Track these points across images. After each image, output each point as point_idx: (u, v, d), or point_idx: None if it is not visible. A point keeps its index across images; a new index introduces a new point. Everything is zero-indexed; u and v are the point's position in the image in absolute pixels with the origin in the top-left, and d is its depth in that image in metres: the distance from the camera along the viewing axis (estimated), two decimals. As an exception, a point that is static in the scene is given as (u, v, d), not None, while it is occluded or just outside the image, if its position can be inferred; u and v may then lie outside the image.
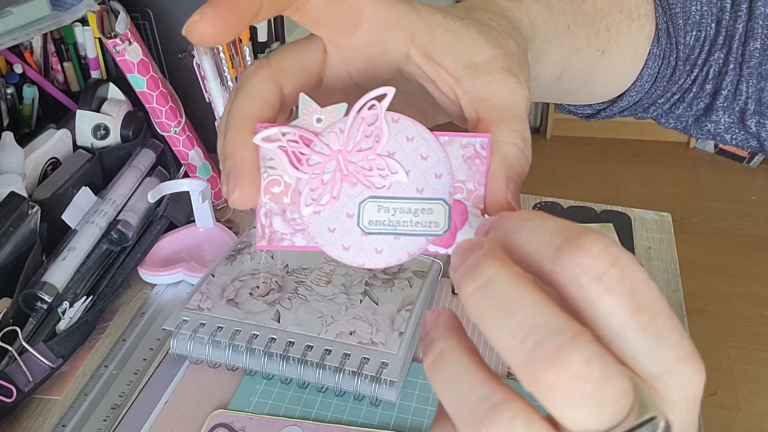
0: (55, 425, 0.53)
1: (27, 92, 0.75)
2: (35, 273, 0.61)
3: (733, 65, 0.46)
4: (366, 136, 0.25)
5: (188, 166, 0.78)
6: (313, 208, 0.25)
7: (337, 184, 0.25)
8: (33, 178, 0.68)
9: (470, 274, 0.21)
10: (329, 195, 0.25)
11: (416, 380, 0.55)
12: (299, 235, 0.26)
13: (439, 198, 0.26)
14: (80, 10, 0.68)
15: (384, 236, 0.26)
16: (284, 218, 0.26)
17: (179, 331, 0.56)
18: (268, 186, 0.25)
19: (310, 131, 0.25)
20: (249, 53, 0.69)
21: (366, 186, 0.25)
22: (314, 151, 0.25)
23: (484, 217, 0.26)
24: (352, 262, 0.26)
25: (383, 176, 0.25)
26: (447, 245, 0.26)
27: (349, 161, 0.25)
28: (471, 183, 0.26)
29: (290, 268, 0.63)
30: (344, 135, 0.25)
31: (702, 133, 0.50)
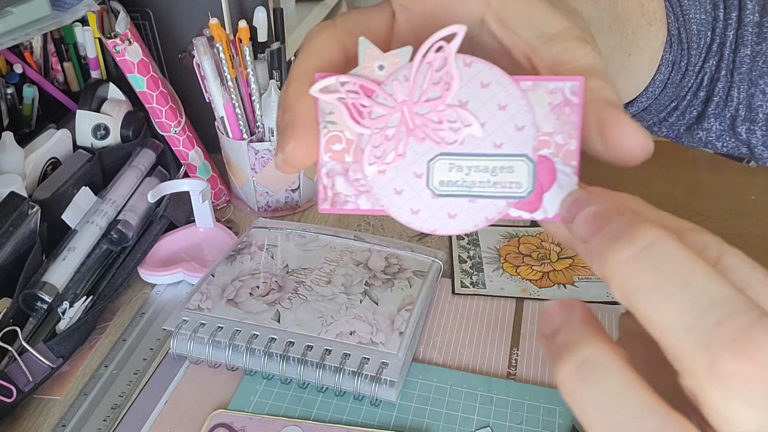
0: (55, 425, 0.53)
1: (27, 92, 0.75)
2: (35, 273, 0.61)
3: (725, 72, 0.46)
4: (434, 83, 0.22)
5: (188, 166, 0.78)
6: (377, 167, 0.23)
7: (403, 139, 0.22)
8: (33, 178, 0.68)
9: (621, 239, 0.18)
10: (394, 152, 0.23)
11: (416, 380, 0.55)
12: (363, 196, 0.23)
13: (521, 154, 0.22)
14: (80, 10, 0.68)
15: (457, 198, 0.23)
16: (347, 178, 0.23)
17: (179, 331, 0.56)
18: (329, 143, 0.23)
19: (371, 80, 0.22)
20: (249, 53, 0.69)
21: (435, 142, 0.22)
22: (376, 102, 0.22)
23: (575, 176, 0.23)
24: (422, 227, 0.23)
25: (455, 130, 0.22)
26: (532, 209, 0.23)
27: (415, 113, 0.22)
28: (560, 135, 0.23)
29: (290, 268, 0.63)
30: (409, 83, 0.22)
31: (693, 141, 0.50)
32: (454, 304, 0.63)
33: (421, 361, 0.57)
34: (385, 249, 0.65)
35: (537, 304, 0.63)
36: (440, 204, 0.23)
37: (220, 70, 0.71)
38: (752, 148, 0.48)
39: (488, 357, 0.57)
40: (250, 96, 0.72)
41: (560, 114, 0.22)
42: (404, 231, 0.74)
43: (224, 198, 0.80)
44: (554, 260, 0.68)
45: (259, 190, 0.76)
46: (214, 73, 0.71)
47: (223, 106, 0.72)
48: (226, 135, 0.74)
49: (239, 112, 0.72)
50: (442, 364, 0.57)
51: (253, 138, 0.74)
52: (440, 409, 0.53)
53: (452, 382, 0.55)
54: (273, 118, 0.71)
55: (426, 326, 0.61)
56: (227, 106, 0.72)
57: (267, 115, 0.71)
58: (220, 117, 0.73)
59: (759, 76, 0.45)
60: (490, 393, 0.54)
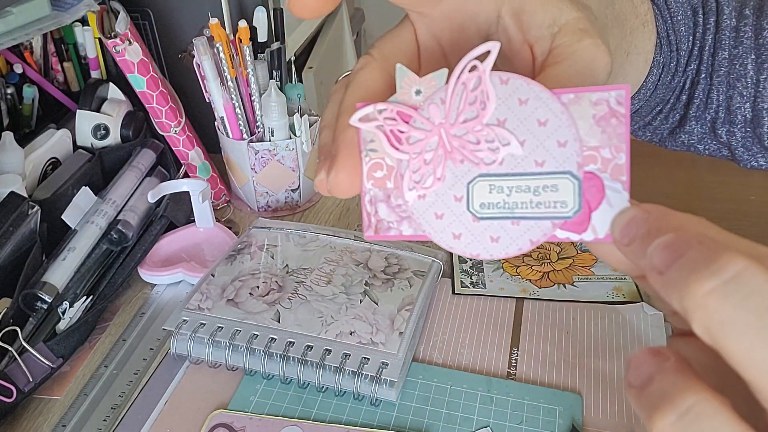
0: (55, 425, 0.53)
1: (27, 92, 0.75)
2: (35, 273, 0.61)
3: (704, 75, 0.47)
4: (470, 103, 0.21)
5: (188, 166, 0.78)
6: (417, 192, 0.22)
7: (441, 163, 0.22)
8: (33, 178, 0.68)
9: (705, 269, 0.17)
10: (433, 176, 0.22)
11: (416, 380, 0.55)
12: (405, 222, 0.23)
13: (564, 171, 0.21)
14: (80, 10, 0.68)
15: (500, 221, 0.22)
16: (389, 205, 0.23)
17: (179, 331, 0.56)
18: (371, 170, 0.23)
19: (408, 105, 0.22)
20: (249, 53, 0.69)
21: (474, 163, 0.22)
22: (414, 127, 0.22)
23: (626, 192, 0.22)
24: (464, 252, 0.22)
25: (493, 149, 0.22)
26: (580, 230, 0.22)
27: (453, 135, 0.22)
28: (607, 149, 0.21)
29: (290, 268, 0.63)
30: (445, 105, 0.22)
31: (677, 144, 0.51)
32: (454, 304, 0.63)
33: (421, 361, 0.57)
34: (385, 249, 0.65)
35: (537, 304, 0.63)
36: (482, 227, 0.22)
37: (220, 70, 0.71)
38: (733, 150, 0.49)
39: (488, 357, 0.58)
40: (250, 96, 0.72)
41: (606, 126, 0.21)
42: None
43: (224, 198, 0.80)
44: (554, 260, 0.68)
45: (259, 190, 0.76)
46: (214, 73, 0.71)
47: (223, 106, 0.72)
48: (226, 135, 0.74)
49: (239, 112, 0.72)
50: (442, 364, 0.57)
51: (253, 138, 0.74)
52: (440, 409, 0.53)
53: (452, 382, 0.55)
54: (273, 118, 0.71)
55: (426, 326, 0.61)
56: (227, 106, 0.72)
57: (267, 115, 0.71)
58: (220, 117, 0.73)
59: (736, 79, 0.46)
60: (490, 393, 0.54)
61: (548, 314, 0.61)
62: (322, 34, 1.69)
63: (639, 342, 0.58)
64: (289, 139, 0.73)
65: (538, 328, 0.60)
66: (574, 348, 0.58)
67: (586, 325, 0.60)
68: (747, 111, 0.46)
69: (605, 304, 0.62)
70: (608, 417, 0.52)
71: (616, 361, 0.56)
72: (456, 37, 0.27)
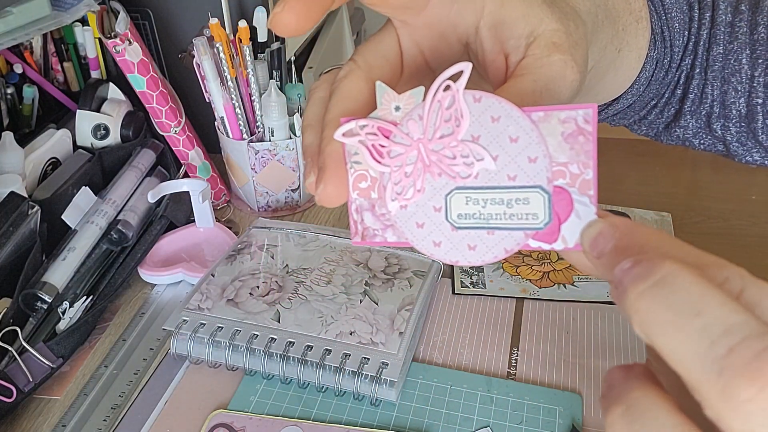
0: (55, 425, 0.53)
1: (27, 92, 0.75)
2: (35, 273, 0.61)
3: (699, 70, 0.47)
4: (446, 120, 0.23)
5: (188, 166, 0.78)
6: (399, 203, 0.24)
7: (420, 175, 0.24)
8: (33, 178, 0.68)
9: (638, 274, 0.18)
10: (413, 188, 0.24)
11: (416, 380, 0.55)
12: (390, 230, 0.25)
13: (535, 185, 0.23)
14: (80, 10, 0.68)
15: (476, 231, 0.24)
16: (374, 213, 0.25)
17: (179, 331, 0.56)
18: (356, 181, 0.25)
19: (388, 121, 0.23)
20: (249, 53, 0.69)
21: (450, 176, 0.23)
22: (394, 142, 0.24)
23: (593, 206, 0.23)
24: (444, 258, 0.24)
25: (468, 164, 0.23)
26: (551, 240, 0.23)
27: (431, 150, 0.23)
28: (575, 165, 0.23)
29: (290, 268, 0.63)
30: (423, 122, 0.23)
31: (672, 139, 0.51)
32: (454, 304, 0.63)
33: (421, 361, 0.57)
34: (384, 249, 0.65)
35: (537, 303, 0.63)
36: (460, 236, 0.24)
37: (220, 70, 0.71)
38: (728, 144, 0.49)
39: (488, 357, 0.57)
40: (250, 96, 0.72)
41: (574, 143, 0.22)
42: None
43: (224, 198, 0.80)
44: (554, 260, 0.68)
45: (259, 190, 0.76)
46: (214, 73, 0.71)
47: (223, 106, 0.72)
48: (226, 135, 0.74)
49: (239, 112, 0.72)
50: (442, 364, 0.57)
51: (253, 138, 0.74)
52: (440, 409, 0.53)
53: (452, 382, 0.55)
54: (273, 118, 0.71)
55: (426, 326, 0.61)
56: (227, 106, 0.72)
57: (267, 115, 0.71)
58: (220, 117, 0.73)
59: (731, 74, 0.46)
60: (490, 393, 0.54)
61: (548, 314, 0.61)
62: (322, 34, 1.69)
63: (639, 342, 0.58)
64: (290, 139, 0.73)
65: (538, 328, 0.60)
66: (575, 348, 0.58)
67: (587, 325, 0.60)
68: (741, 106, 0.47)
69: (605, 304, 0.62)
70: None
71: (616, 361, 0.56)
72: (437, 44, 0.28)
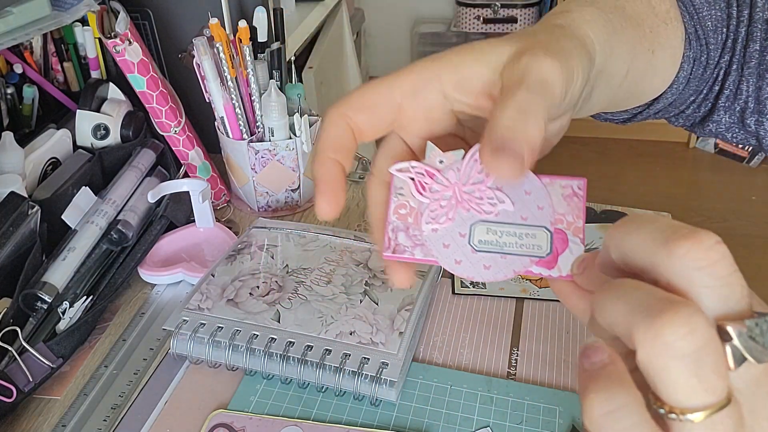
0: (55, 425, 0.53)
1: (27, 92, 0.75)
2: (35, 273, 0.61)
3: (736, 66, 0.49)
4: (478, 173, 0.30)
5: (188, 166, 0.78)
6: (432, 227, 0.30)
7: (453, 208, 0.30)
8: (33, 178, 0.68)
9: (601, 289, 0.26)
10: (446, 217, 0.30)
11: (416, 380, 0.55)
12: (419, 248, 0.31)
13: (541, 225, 0.30)
14: (80, 10, 0.68)
15: (492, 254, 0.30)
16: (407, 234, 0.31)
17: (179, 331, 0.56)
18: (397, 208, 0.31)
19: (434, 168, 0.31)
20: (249, 53, 0.69)
21: (477, 212, 0.30)
22: (435, 182, 0.31)
23: (582, 245, 0.30)
24: (462, 274, 0.30)
25: (492, 204, 0.30)
26: (549, 267, 0.30)
27: (463, 191, 0.30)
28: (570, 216, 0.30)
29: (290, 268, 0.63)
30: (460, 172, 0.31)
31: (704, 132, 0.53)
32: (454, 304, 0.63)
33: (421, 361, 0.57)
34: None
35: (537, 304, 0.63)
36: (478, 258, 0.30)
37: (220, 70, 0.71)
38: (761, 139, 0.50)
39: (488, 357, 0.57)
40: (250, 96, 0.72)
41: (570, 202, 0.30)
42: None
43: (224, 198, 0.80)
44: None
45: (259, 190, 0.76)
46: (214, 73, 0.71)
47: (223, 106, 0.72)
48: (226, 135, 0.74)
49: (239, 112, 0.72)
50: (442, 364, 0.57)
51: (253, 138, 0.74)
52: (440, 409, 0.53)
53: (452, 382, 0.55)
54: (273, 118, 0.71)
55: (426, 326, 0.61)
56: (227, 106, 0.72)
57: (267, 115, 0.71)
58: (220, 117, 0.73)
59: (766, 70, 0.47)
60: (490, 393, 0.54)
61: (548, 314, 0.61)
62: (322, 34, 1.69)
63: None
64: (289, 139, 0.73)
65: (538, 328, 0.60)
66: (575, 348, 0.58)
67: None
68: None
69: (605, 304, 0.62)
70: (608, 417, 0.52)
71: (616, 361, 0.56)
72: (431, 127, 0.34)
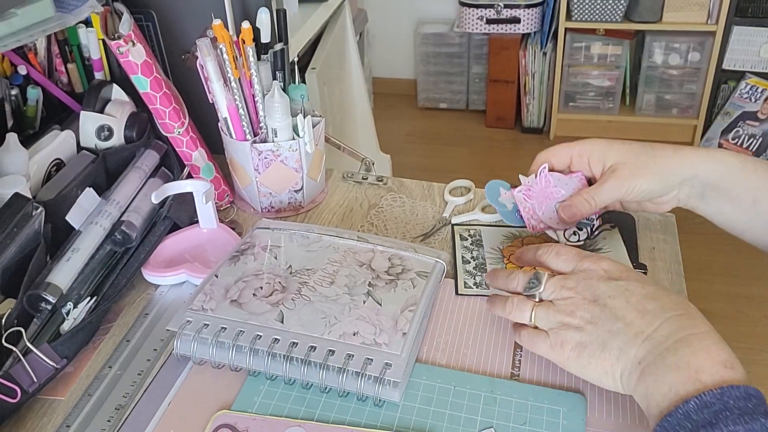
0: (59, 426, 0.53)
1: (31, 93, 0.75)
2: (39, 274, 0.61)
3: None
4: (546, 181, 0.68)
5: (192, 166, 0.78)
6: (540, 211, 0.67)
7: (545, 200, 0.68)
8: (37, 179, 0.68)
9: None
10: (543, 206, 0.68)
11: (420, 381, 0.55)
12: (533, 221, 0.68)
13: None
14: (84, 12, 0.68)
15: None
16: (533, 217, 0.68)
17: (183, 332, 0.56)
18: (524, 210, 0.68)
19: (527, 186, 0.69)
20: (252, 54, 0.69)
21: (549, 199, 0.67)
22: (526, 187, 0.69)
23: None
24: (556, 227, 0.68)
25: (559, 196, 0.67)
26: None
27: (545, 193, 0.68)
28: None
29: (294, 269, 0.63)
30: (538, 180, 0.68)
31: None
32: (457, 305, 0.63)
33: (425, 361, 0.57)
34: (388, 250, 0.65)
35: (540, 304, 0.62)
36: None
37: (223, 70, 0.71)
38: None
39: (491, 358, 0.57)
40: (253, 97, 0.72)
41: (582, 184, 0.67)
42: (407, 232, 0.74)
43: (227, 199, 0.80)
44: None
45: (262, 191, 0.76)
46: (217, 73, 0.71)
47: (226, 107, 0.72)
48: (229, 136, 0.74)
49: (242, 112, 0.72)
50: (445, 365, 0.57)
51: (257, 139, 0.74)
52: (443, 410, 0.53)
53: (455, 383, 0.55)
54: (276, 119, 0.71)
55: (429, 327, 0.61)
56: (230, 107, 0.72)
57: (270, 116, 0.72)
58: (224, 118, 0.73)
59: None
60: (494, 394, 0.54)
61: (552, 315, 0.61)
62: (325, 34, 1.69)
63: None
64: (293, 139, 0.73)
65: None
66: (578, 349, 0.58)
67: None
68: None
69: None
70: (612, 418, 0.52)
71: (620, 361, 0.56)
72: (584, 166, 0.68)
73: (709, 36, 2.46)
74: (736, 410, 0.41)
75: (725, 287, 1.97)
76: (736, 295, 1.94)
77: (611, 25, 2.50)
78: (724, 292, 1.95)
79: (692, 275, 0.84)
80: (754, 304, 1.91)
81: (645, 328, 0.48)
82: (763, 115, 2.45)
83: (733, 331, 1.81)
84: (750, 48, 2.42)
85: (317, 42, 1.64)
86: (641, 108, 2.68)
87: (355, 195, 0.81)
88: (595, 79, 2.66)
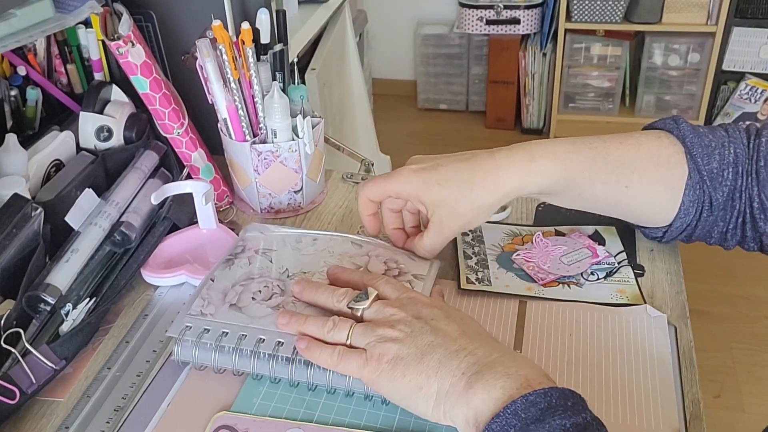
0: (58, 427, 0.53)
1: (30, 94, 0.75)
2: (38, 275, 0.61)
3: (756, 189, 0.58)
4: (542, 244, 0.69)
5: (191, 167, 0.78)
6: (545, 266, 0.67)
7: (546, 257, 0.68)
8: (36, 179, 0.68)
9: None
10: (545, 262, 0.68)
11: (419, 382, 0.55)
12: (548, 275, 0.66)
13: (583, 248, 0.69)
14: (83, 12, 0.68)
15: (570, 265, 0.67)
16: (538, 268, 0.67)
17: (183, 337, 0.56)
18: (527, 266, 0.68)
19: (525, 251, 0.69)
20: (252, 55, 0.69)
21: (552, 255, 0.68)
22: (533, 254, 0.69)
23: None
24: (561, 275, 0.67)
25: (560, 252, 0.69)
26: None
27: (545, 250, 0.69)
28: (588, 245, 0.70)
29: (290, 272, 0.62)
30: (538, 245, 0.69)
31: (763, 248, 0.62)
32: (458, 301, 0.63)
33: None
34: (383, 254, 0.65)
35: (541, 304, 0.62)
36: (564, 267, 0.66)
37: (222, 71, 0.71)
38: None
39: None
40: (252, 97, 0.72)
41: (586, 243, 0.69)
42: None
43: (227, 199, 0.80)
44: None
45: (261, 192, 0.76)
46: (216, 74, 0.71)
47: (225, 108, 0.72)
48: (228, 136, 0.74)
49: (242, 113, 0.72)
50: (445, 366, 0.57)
51: (256, 139, 0.74)
52: (443, 412, 0.52)
53: (455, 384, 0.55)
54: (275, 119, 0.71)
55: (429, 328, 0.60)
56: (230, 108, 0.72)
57: (270, 117, 0.71)
58: (223, 118, 0.73)
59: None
60: (493, 395, 0.54)
61: (551, 316, 0.61)
62: (324, 35, 1.69)
63: (642, 344, 0.57)
64: (292, 140, 0.73)
65: (541, 329, 0.60)
66: (577, 350, 0.58)
67: (589, 328, 0.60)
68: None
69: (609, 306, 0.62)
70: (611, 419, 0.52)
71: (619, 363, 0.56)
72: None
73: (708, 37, 2.46)
74: (560, 408, 0.43)
75: (724, 288, 1.97)
76: (736, 296, 1.94)
77: (611, 26, 2.51)
78: (723, 292, 1.95)
79: (692, 276, 0.84)
80: (753, 304, 1.91)
81: (467, 345, 0.49)
82: (763, 116, 2.45)
83: (733, 332, 1.81)
84: (750, 49, 2.42)
85: (317, 43, 1.64)
86: (641, 109, 2.69)
87: (354, 196, 0.81)
88: (595, 80, 2.66)
